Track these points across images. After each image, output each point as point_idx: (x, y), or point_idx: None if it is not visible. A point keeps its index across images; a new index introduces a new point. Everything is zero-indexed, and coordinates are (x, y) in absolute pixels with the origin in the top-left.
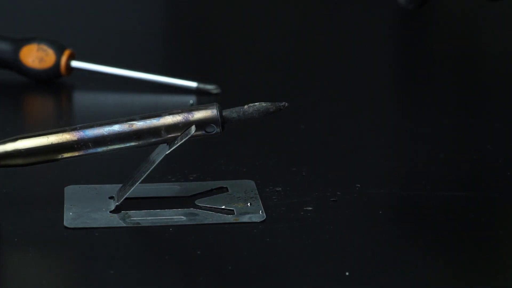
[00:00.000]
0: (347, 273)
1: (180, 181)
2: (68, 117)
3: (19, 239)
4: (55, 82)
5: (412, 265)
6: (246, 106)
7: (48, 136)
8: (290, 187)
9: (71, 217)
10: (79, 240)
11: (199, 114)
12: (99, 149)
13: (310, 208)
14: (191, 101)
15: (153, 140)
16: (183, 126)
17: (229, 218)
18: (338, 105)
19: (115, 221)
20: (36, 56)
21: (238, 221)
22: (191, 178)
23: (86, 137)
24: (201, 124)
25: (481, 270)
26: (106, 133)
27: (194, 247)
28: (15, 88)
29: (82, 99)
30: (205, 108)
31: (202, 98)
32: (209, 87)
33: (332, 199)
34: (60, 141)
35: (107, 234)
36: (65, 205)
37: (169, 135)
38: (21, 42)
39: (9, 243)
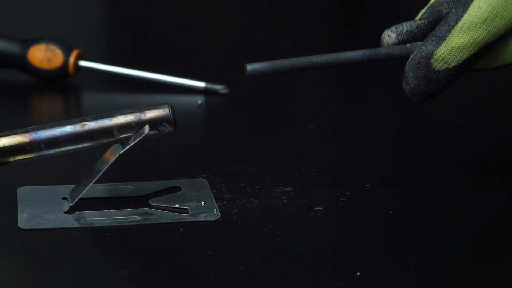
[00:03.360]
0: (358, 274)
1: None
2: (76, 117)
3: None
4: (63, 82)
5: (423, 266)
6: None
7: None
8: (299, 187)
9: (25, 219)
10: (89, 240)
11: (151, 113)
12: (52, 151)
13: (320, 208)
14: (199, 101)
15: (106, 140)
16: (136, 126)
17: (184, 217)
18: (346, 105)
19: (70, 221)
20: (44, 56)
21: (193, 220)
22: (201, 178)
23: (38, 138)
24: (153, 123)
25: (492, 270)
26: (58, 134)
27: (204, 247)
28: (23, 88)
29: (90, 99)
30: (157, 107)
31: (211, 98)
32: (218, 87)
33: (342, 200)
34: (12, 143)
35: (116, 235)
36: (18, 207)
37: (122, 135)
38: (29, 42)
39: (21, 244)
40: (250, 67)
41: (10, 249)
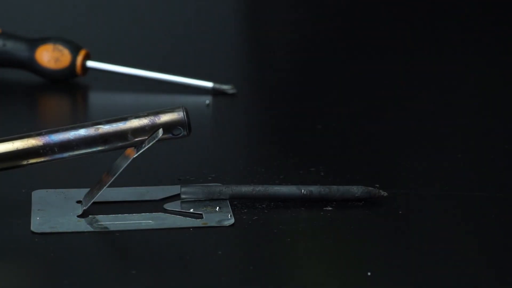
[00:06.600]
0: (369, 273)
1: (199, 181)
2: (83, 117)
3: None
4: (70, 82)
5: (432, 265)
6: None
7: (13, 141)
8: None
9: (38, 222)
10: (100, 242)
11: (165, 117)
12: (66, 154)
13: (330, 208)
14: (207, 101)
15: (120, 144)
16: (150, 129)
17: (198, 222)
18: (354, 105)
19: (83, 225)
20: (51, 56)
21: (207, 225)
22: (210, 178)
23: (52, 142)
24: (168, 127)
25: (501, 270)
26: (72, 138)
27: (214, 247)
28: (30, 88)
29: (98, 99)
30: (172, 111)
31: (218, 98)
32: (225, 87)
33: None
34: (26, 146)
35: (126, 235)
36: (32, 210)
37: (136, 139)
38: (36, 42)
39: (32, 247)
40: (184, 189)
41: (21, 252)
